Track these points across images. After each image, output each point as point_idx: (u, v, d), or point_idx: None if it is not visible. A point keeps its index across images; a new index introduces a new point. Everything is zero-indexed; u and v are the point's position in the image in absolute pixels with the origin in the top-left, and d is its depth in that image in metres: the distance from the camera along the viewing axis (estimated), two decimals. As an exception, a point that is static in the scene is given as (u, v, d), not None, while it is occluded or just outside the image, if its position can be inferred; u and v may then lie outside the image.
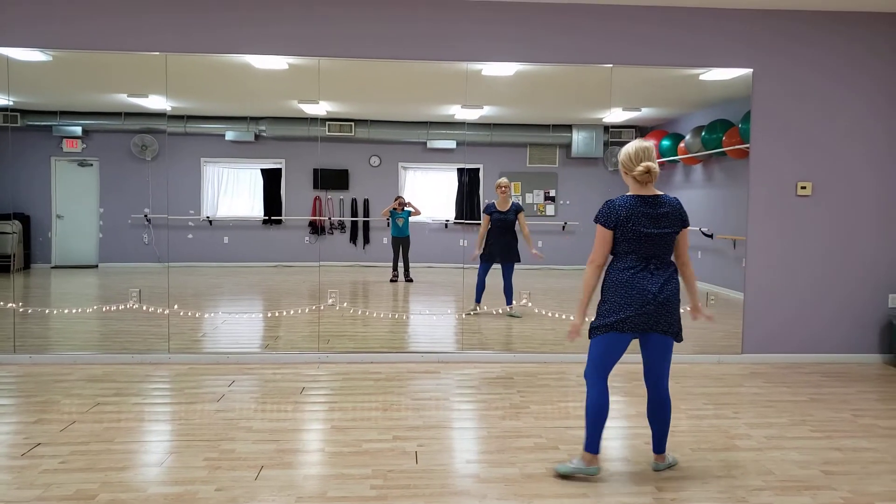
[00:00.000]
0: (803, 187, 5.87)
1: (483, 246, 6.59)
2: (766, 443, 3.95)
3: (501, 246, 6.55)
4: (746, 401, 4.79)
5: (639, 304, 3.24)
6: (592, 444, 3.38)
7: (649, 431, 4.05)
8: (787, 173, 5.89)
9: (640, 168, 3.25)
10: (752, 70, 5.81)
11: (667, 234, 3.29)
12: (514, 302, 6.44)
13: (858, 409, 4.64)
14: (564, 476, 3.41)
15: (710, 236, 6.41)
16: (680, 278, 3.37)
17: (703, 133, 6.37)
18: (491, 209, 6.58)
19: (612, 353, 3.34)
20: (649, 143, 3.34)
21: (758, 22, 5.79)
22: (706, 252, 6.49)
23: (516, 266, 6.53)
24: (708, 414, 4.47)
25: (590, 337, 3.39)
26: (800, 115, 5.86)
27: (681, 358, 5.85)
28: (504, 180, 6.55)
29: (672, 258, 3.37)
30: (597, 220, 3.34)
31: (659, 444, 3.50)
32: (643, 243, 3.27)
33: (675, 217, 3.31)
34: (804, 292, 5.95)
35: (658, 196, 3.31)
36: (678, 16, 5.74)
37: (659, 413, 3.43)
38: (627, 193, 3.34)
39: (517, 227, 6.57)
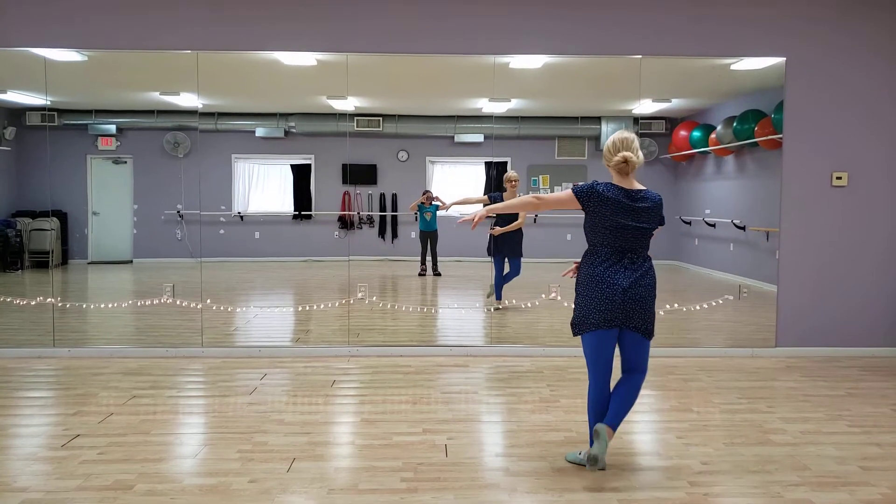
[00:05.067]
0: (839, 178, 5.74)
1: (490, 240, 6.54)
2: (801, 437, 3.89)
3: (507, 240, 6.46)
4: (781, 395, 4.71)
5: (608, 298, 3.21)
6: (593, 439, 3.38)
7: (680, 425, 4.03)
8: (821, 164, 5.76)
9: (617, 158, 3.24)
10: (784, 59, 5.69)
11: (643, 230, 3.26)
12: (502, 288, 6.42)
13: (897, 404, 4.54)
14: (572, 462, 3.46)
15: (743, 228, 6.31)
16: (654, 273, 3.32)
17: (734, 123, 6.26)
18: (497, 200, 6.47)
19: (597, 350, 3.30)
20: (631, 133, 3.31)
21: (790, 10, 5.66)
22: (738, 244, 6.39)
23: (541, 260, 6.48)
24: (741, 408, 4.41)
25: (573, 334, 3.37)
26: (834, 105, 5.73)
27: (714, 352, 5.78)
28: (513, 174, 6.45)
29: (647, 253, 3.34)
30: (573, 190, 3.30)
31: (613, 417, 3.29)
32: (618, 236, 3.24)
33: (654, 214, 3.29)
34: (841, 285, 5.83)
35: (640, 190, 3.29)
36: (708, 4, 5.65)
37: (624, 392, 3.31)
38: (611, 181, 3.30)
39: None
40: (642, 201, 3.26)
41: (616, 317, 3.23)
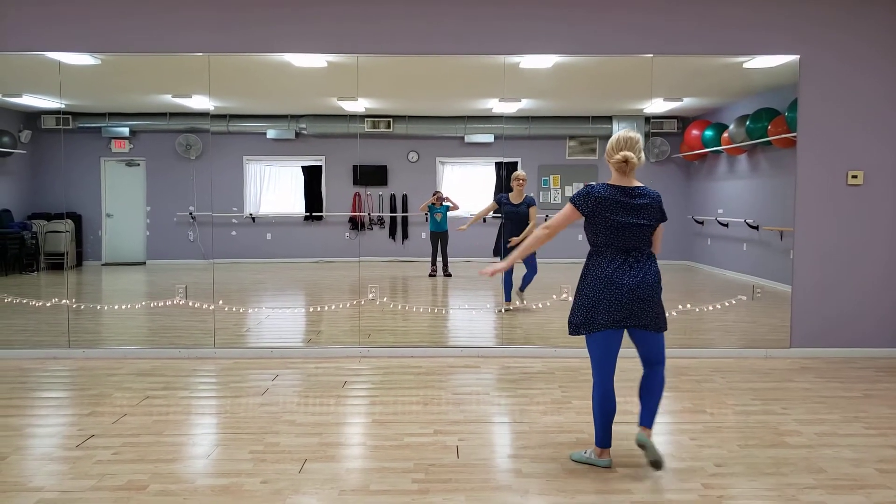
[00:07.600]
0: (854, 176, 5.69)
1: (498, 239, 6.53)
2: (817, 440, 3.85)
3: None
4: (796, 396, 4.67)
5: (616, 299, 3.21)
6: (599, 438, 3.42)
7: (694, 427, 4.00)
8: (836, 162, 5.70)
9: (617, 157, 3.25)
10: (798, 57, 5.64)
11: (644, 226, 3.25)
12: (525, 289, 6.44)
13: (914, 405, 4.48)
14: (577, 462, 3.48)
15: (756, 228, 6.26)
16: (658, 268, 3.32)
17: (747, 122, 6.22)
18: (503, 199, 6.48)
19: (605, 349, 3.30)
20: (636, 133, 3.31)
21: (804, 7, 5.62)
22: (752, 244, 6.34)
23: (552, 261, 6.46)
24: (756, 409, 4.37)
25: (569, 332, 3.36)
26: (849, 102, 5.67)
27: (727, 352, 5.74)
28: (521, 173, 6.47)
29: (650, 250, 3.35)
30: (571, 201, 3.31)
31: (647, 417, 3.37)
32: (620, 235, 3.24)
33: (654, 210, 3.29)
34: (856, 285, 5.77)
35: (638, 187, 3.29)
36: (720, 2, 5.61)
37: (650, 385, 3.35)
38: (607, 181, 3.31)
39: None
40: (641, 198, 3.26)
41: (624, 316, 3.23)
